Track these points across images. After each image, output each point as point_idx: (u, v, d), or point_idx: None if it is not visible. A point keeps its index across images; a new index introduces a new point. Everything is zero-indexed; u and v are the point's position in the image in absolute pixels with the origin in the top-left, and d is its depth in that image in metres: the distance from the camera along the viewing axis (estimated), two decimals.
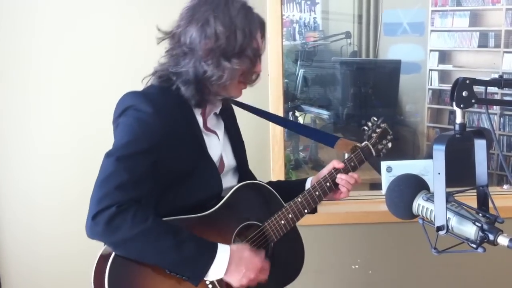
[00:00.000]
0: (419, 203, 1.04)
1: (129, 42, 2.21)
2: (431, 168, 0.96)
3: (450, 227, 0.99)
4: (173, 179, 1.39)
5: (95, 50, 2.21)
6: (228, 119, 1.61)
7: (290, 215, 1.55)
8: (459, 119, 1.00)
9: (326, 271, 2.46)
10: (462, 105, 0.98)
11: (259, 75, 1.49)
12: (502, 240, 0.93)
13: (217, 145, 1.52)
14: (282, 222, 1.53)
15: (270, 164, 2.36)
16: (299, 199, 1.56)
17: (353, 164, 1.63)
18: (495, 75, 2.76)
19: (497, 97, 2.74)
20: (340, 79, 2.94)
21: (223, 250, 1.34)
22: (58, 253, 2.33)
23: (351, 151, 1.66)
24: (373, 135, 1.71)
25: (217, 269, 1.33)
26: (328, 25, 2.96)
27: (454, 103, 0.99)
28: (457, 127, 1.00)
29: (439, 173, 0.95)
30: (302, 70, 2.89)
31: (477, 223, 0.96)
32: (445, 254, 0.99)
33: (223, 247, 1.35)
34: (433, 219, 1.00)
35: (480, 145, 1.02)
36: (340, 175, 1.60)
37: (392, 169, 2.41)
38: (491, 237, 0.94)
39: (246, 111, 1.69)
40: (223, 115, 1.58)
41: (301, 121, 2.88)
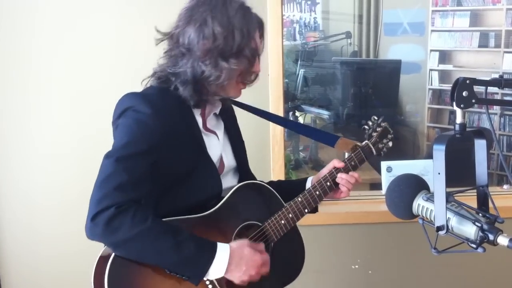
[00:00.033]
0: (419, 203, 1.04)
1: (129, 42, 2.21)
2: (431, 168, 0.96)
3: (450, 227, 0.99)
4: (172, 179, 1.39)
5: (95, 50, 2.21)
6: (228, 119, 1.61)
7: (290, 215, 1.54)
8: (459, 119, 1.00)
9: (326, 271, 2.46)
10: (462, 105, 0.98)
11: (258, 75, 1.48)
12: (502, 240, 0.93)
13: (217, 146, 1.52)
14: (282, 222, 1.53)
15: (270, 164, 2.35)
16: (299, 199, 1.56)
17: (353, 163, 1.63)
18: (496, 75, 2.76)
19: (498, 97, 2.73)
20: (340, 79, 2.94)
21: (223, 249, 1.34)
22: (58, 253, 2.33)
23: (351, 150, 1.66)
24: (374, 134, 1.70)
25: (217, 268, 1.33)
26: (328, 25, 2.95)
27: (454, 103, 0.99)
28: (457, 127, 1.00)
29: (439, 173, 0.95)
30: (303, 70, 2.89)
31: (477, 223, 0.96)
32: (445, 254, 0.99)
33: (223, 246, 1.35)
34: (433, 219, 1.00)
35: (480, 145, 1.02)
36: (341, 175, 1.59)
37: (392, 169, 2.40)
38: (491, 237, 0.94)
39: (246, 111, 1.69)
40: (223, 116, 1.58)
41: (301, 121, 2.87)
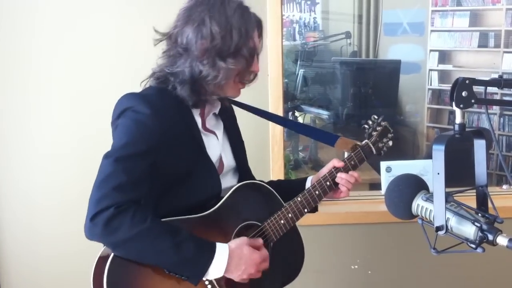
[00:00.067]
0: (419, 203, 1.04)
1: (129, 42, 2.21)
2: (430, 168, 0.96)
3: (449, 227, 0.99)
4: (172, 180, 1.39)
5: (95, 50, 2.21)
6: (228, 119, 1.60)
7: (289, 215, 1.54)
8: (458, 119, 1.00)
9: (325, 271, 2.46)
10: (461, 105, 0.98)
11: (257, 74, 1.49)
12: (501, 240, 0.93)
13: (216, 146, 1.52)
14: (282, 221, 1.53)
15: (269, 164, 2.35)
16: (299, 199, 1.56)
17: (353, 163, 1.62)
18: (495, 75, 2.76)
19: (497, 97, 2.74)
20: (340, 79, 2.94)
21: (222, 250, 1.35)
22: (58, 253, 2.33)
23: (351, 150, 1.66)
24: (374, 133, 1.70)
25: (217, 268, 1.33)
26: (328, 25, 2.95)
27: (453, 103, 0.99)
28: (456, 127, 1.00)
29: (438, 173, 0.95)
30: (302, 70, 2.89)
31: (476, 223, 0.96)
32: (444, 254, 0.99)
33: (222, 246, 1.35)
34: (432, 219, 1.00)
35: (479, 145, 1.02)
36: (340, 174, 1.59)
37: (392, 169, 2.40)
38: (490, 237, 0.94)
39: (246, 111, 1.69)
40: (222, 116, 1.58)
41: (301, 121, 2.87)
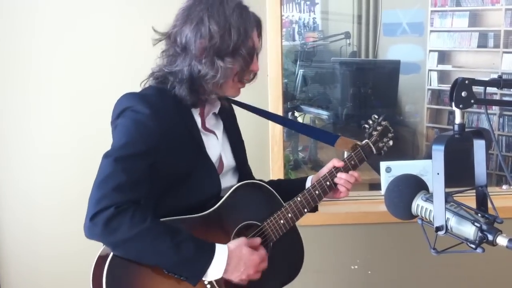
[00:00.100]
0: (418, 204, 1.04)
1: (129, 42, 2.21)
2: (430, 168, 0.96)
3: (449, 228, 0.99)
4: (171, 179, 1.39)
5: (95, 50, 2.21)
6: (228, 119, 1.60)
7: (289, 215, 1.54)
8: (458, 119, 1.00)
9: (325, 271, 2.46)
10: (461, 106, 0.99)
11: (256, 74, 1.49)
12: (501, 240, 0.94)
13: (216, 145, 1.52)
14: (282, 221, 1.53)
15: (269, 164, 2.35)
16: (299, 198, 1.56)
17: (353, 163, 1.62)
18: (494, 75, 2.76)
19: (496, 97, 2.74)
20: (339, 79, 2.94)
21: (221, 250, 1.35)
22: (58, 253, 2.33)
23: (351, 149, 1.65)
24: (374, 133, 1.69)
25: (216, 269, 1.33)
26: (327, 26, 2.95)
27: (453, 103, 0.99)
28: (456, 127, 1.00)
29: (438, 174, 0.95)
30: (302, 70, 2.89)
31: (476, 224, 0.96)
32: (444, 254, 0.99)
33: (221, 247, 1.35)
34: (432, 220, 1.00)
35: (479, 145, 1.02)
36: (340, 174, 1.59)
37: (391, 169, 2.40)
38: (490, 237, 0.94)
39: (246, 111, 1.69)
40: (222, 115, 1.58)
41: (301, 121, 2.87)
